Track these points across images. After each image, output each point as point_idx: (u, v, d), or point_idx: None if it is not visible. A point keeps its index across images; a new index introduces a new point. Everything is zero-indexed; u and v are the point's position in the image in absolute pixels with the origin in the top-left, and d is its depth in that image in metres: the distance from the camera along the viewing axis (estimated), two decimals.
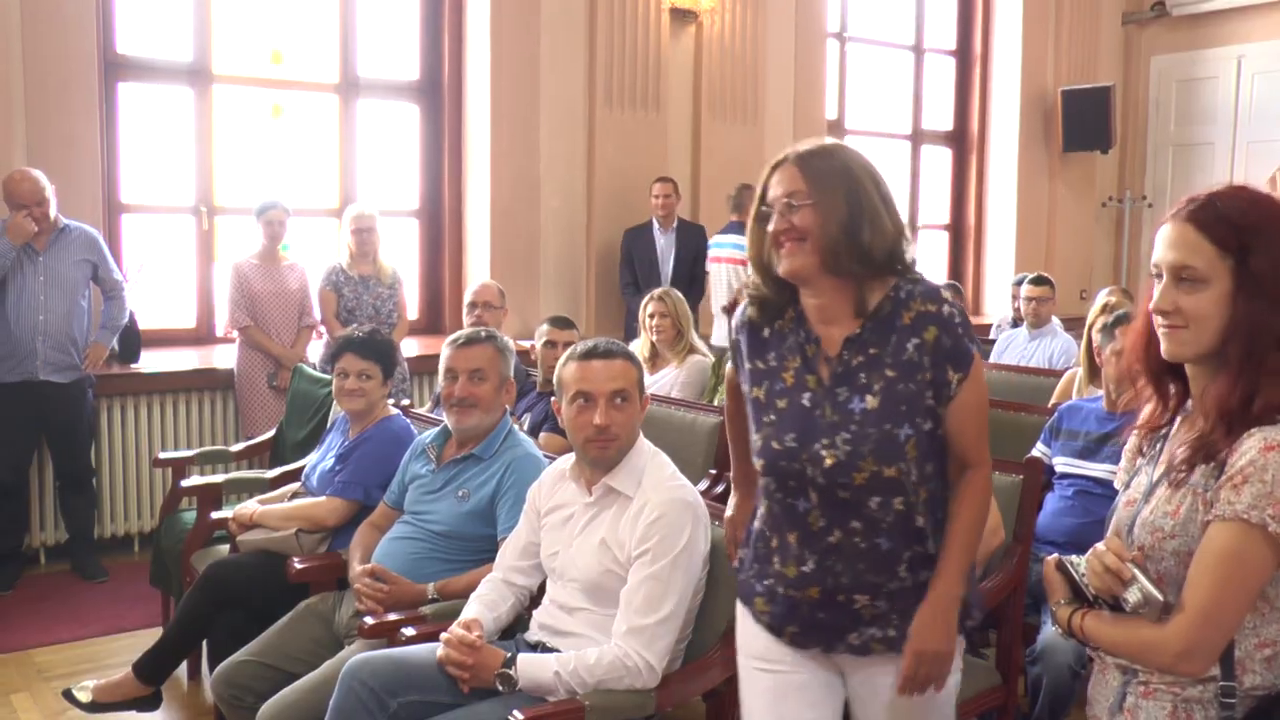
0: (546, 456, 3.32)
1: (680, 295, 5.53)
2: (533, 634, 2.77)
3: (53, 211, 5.15)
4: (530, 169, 6.97)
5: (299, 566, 3.42)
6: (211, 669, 3.49)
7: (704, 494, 3.63)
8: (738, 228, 6.88)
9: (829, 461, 2.06)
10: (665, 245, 6.97)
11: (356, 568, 3.24)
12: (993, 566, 3.14)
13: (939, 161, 9.77)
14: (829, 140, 2.16)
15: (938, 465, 2.14)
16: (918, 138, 9.57)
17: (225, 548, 3.97)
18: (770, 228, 2.10)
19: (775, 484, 2.16)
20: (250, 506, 3.78)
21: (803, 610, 2.16)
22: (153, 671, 3.60)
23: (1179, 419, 1.84)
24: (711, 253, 7.12)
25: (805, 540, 2.14)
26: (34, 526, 5.51)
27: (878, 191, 2.08)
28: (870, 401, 2.06)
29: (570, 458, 2.87)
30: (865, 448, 2.05)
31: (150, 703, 3.64)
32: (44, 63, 5.53)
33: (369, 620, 2.96)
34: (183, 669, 4.06)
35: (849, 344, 2.10)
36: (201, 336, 6.37)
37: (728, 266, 7.00)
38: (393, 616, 2.98)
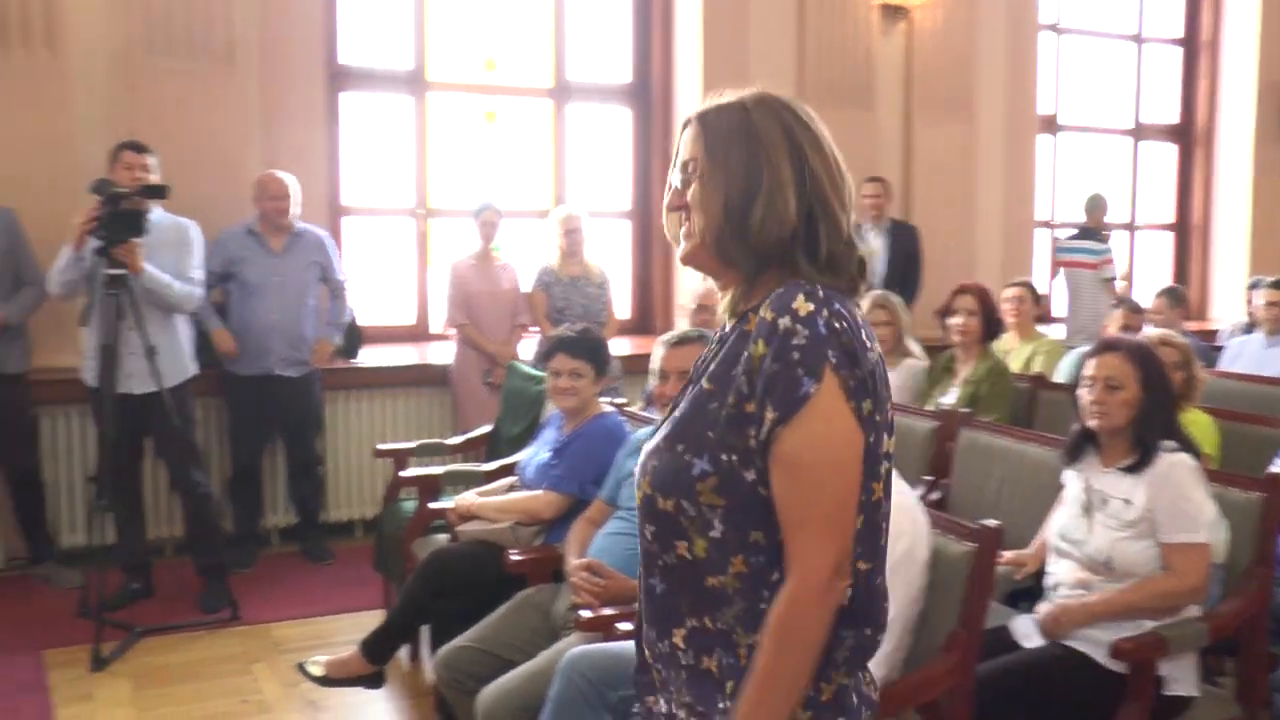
0: None
1: (899, 299, 5.47)
2: None
3: (293, 211, 5.47)
4: None
5: (516, 558, 3.53)
6: (432, 652, 3.65)
7: (921, 499, 3.57)
8: (1089, 233, 7.61)
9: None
10: (876, 245, 6.89)
11: (573, 561, 3.31)
12: (1230, 590, 2.99)
13: (1163, 157, 9.32)
14: (750, 92, 1.64)
15: (775, 539, 1.54)
16: (1139, 132, 9.15)
17: (444, 537, 4.12)
18: (665, 202, 1.69)
19: None
20: (469, 498, 3.92)
21: None
22: (378, 651, 3.77)
23: None
24: (1059, 256, 7.65)
25: None
26: (268, 510, 5.85)
27: (794, 163, 1.57)
28: (680, 413, 1.63)
29: None
30: (651, 463, 1.62)
31: (375, 680, 3.82)
32: (277, 76, 5.88)
33: (585, 614, 3.03)
34: (405, 650, 4.24)
35: (717, 344, 1.66)
36: (419, 333, 6.63)
37: (1077, 271, 7.45)
38: (608, 611, 3.03)
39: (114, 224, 4.51)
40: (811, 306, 1.50)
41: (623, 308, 6.89)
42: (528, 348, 6.08)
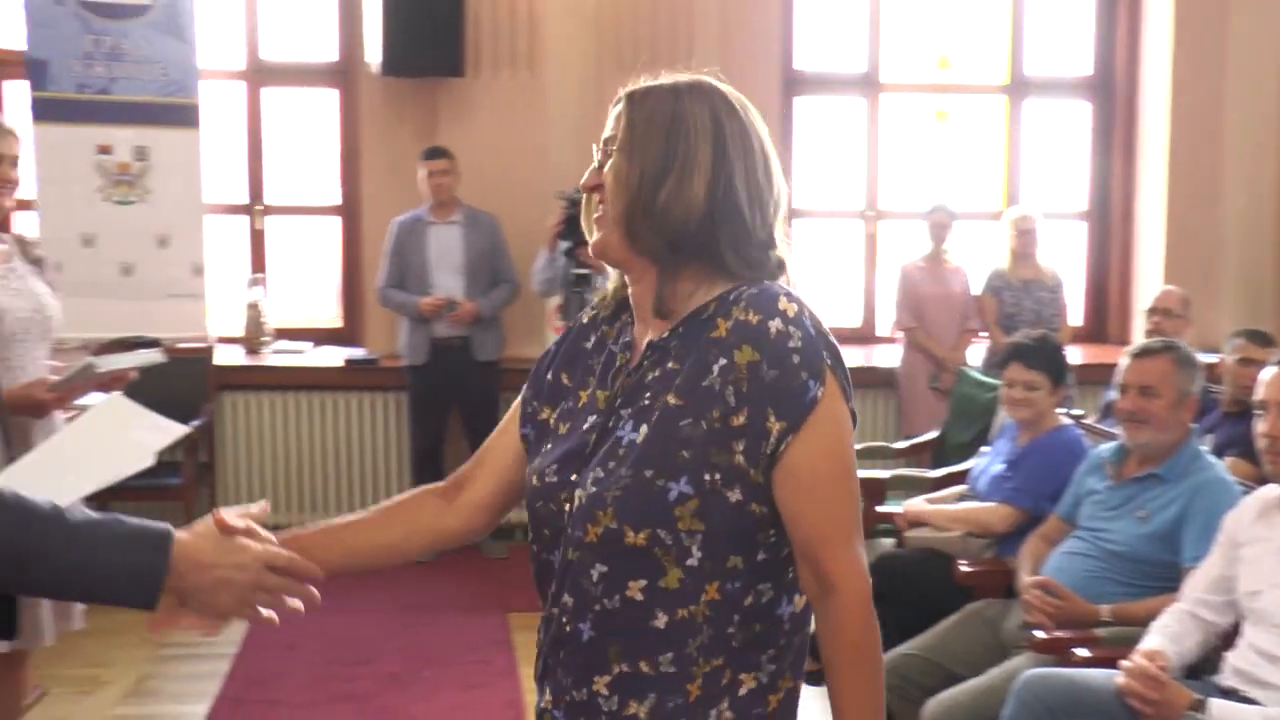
0: (1239, 484, 3.08)
1: None
2: (1225, 678, 2.58)
3: None
4: (1212, 166, 6.43)
5: (966, 569, 3.47)
6: None
7: None
8: None
9: (578, 503, 1.49)
10: None
11: (1026, 578, 3.21)
12: None
13: None
14: (687, 77, 1.56)
15: (754, 560, 1.47)
16: None
17: (889, 541, 4.12)
18: (581, 180, 1.58)
19: (533, 532, 1.59)
20: (918, 504, 3.90)
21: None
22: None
23: None
24: None
25: (548, 605, 1.56)
26: None
27: (714, 150, 1.48)
28: (641, 434, 1.46)
29: (1277, 488, 2.63)
30: (610, 493, 1.45)
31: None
32: (734, 84, 6.04)
33: (1039, 634, 2.93)
34: None
35: (650, 351, 1.52)
36: (865, 336, 6.66)
37: None
38: (1063, 634, 2.93)
39: (576, 227, 4.92)
40: (795, 306, 1.45)
41: (1076, 313, 6.56)
42: (977, 353, 5.95)
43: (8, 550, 1.41)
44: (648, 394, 1.49)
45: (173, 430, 1.90)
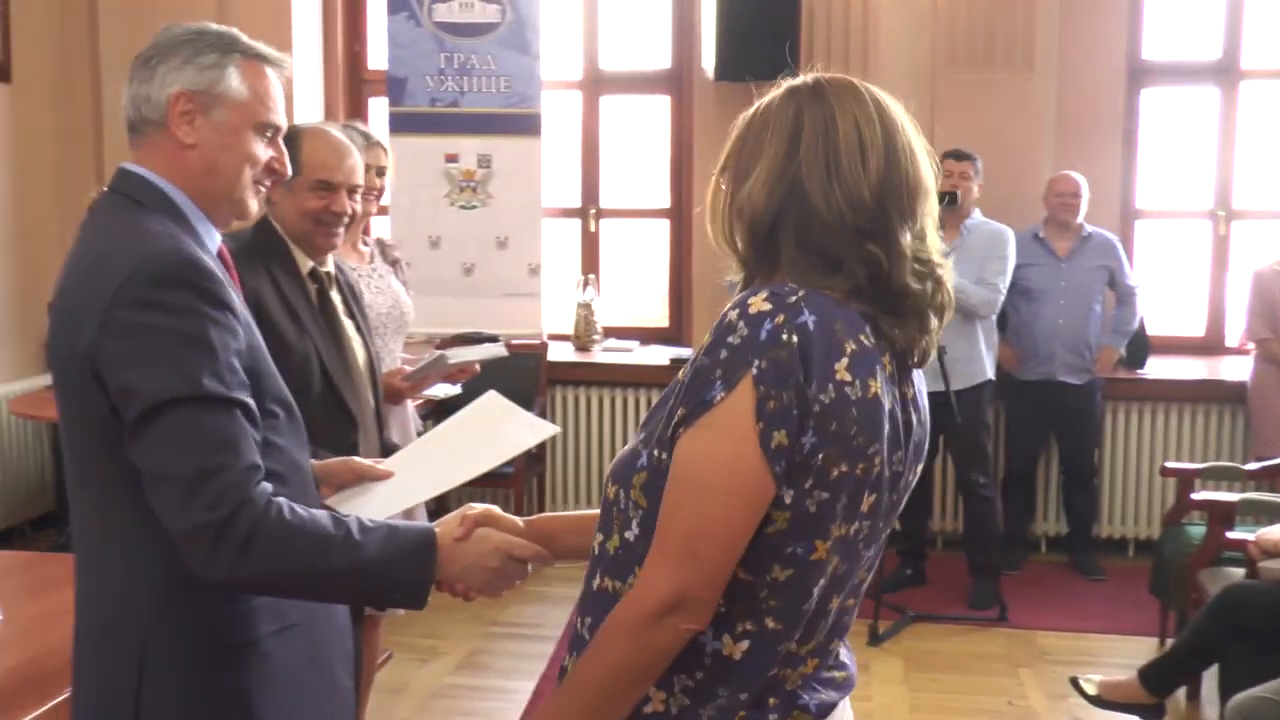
0: None
1: None
2: None
3: (1080, 216, 5.45)
4: None
5: None
6: (1221, 696, 3.41)
7: None
8: None
9: None
10: None
11: None
12: None
13: None
14: (800, 80, 1.49)
15: None
16: None
17: (1238, 571, 3.83)
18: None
19: None
20: (1275, 532, 3.58)
21: None
22: (1159, 682, 3.61)
23: None
24: None
25: None
26: (1038, 516, 5.85)
27: (789, 143, 1.43)
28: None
29: None
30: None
31: (1154, 713, 3.66)
32: (1075, 78, 5.84)
33: None
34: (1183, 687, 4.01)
35: None
36: (1211, 346, 6.18)
37: None
38: None
39: None
40: (768, 307, 1.35)
41: None
42: None
43: (310, 573, 1.59)
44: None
45: (544, 429, 2.02)
